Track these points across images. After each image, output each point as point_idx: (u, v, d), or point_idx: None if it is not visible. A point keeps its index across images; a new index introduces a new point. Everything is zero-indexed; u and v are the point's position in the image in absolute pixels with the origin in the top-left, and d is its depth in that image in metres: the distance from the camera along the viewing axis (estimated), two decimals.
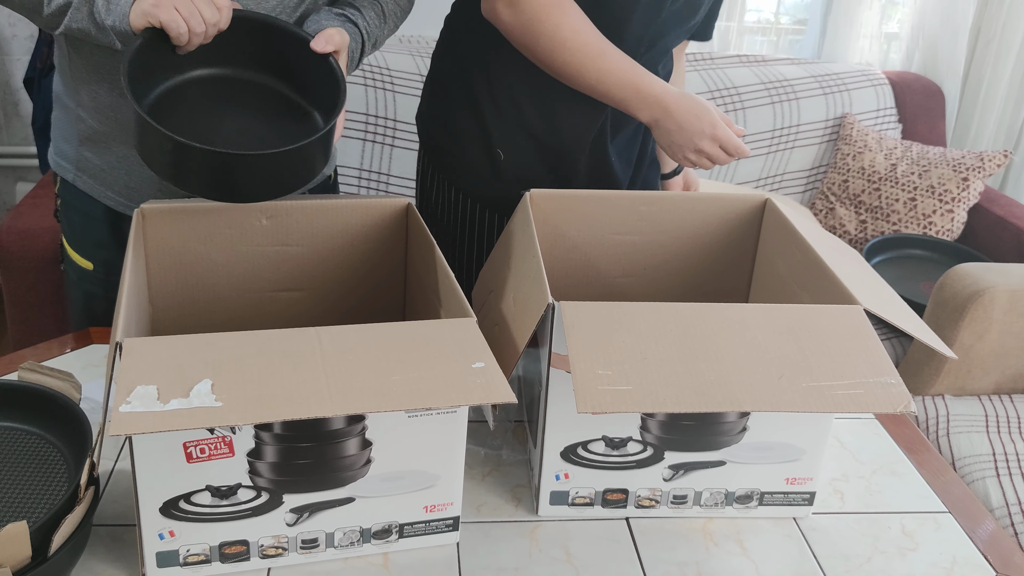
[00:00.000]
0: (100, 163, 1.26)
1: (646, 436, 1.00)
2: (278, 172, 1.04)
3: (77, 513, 0.85)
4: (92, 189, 1.28)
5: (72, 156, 1.27)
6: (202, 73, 1.13)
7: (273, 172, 1.03)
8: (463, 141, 1.40)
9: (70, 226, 1.34)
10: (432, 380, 0.81)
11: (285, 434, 0.87)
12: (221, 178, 1.02)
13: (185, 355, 0.81)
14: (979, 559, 1.03)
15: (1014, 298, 1.87)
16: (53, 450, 0.99)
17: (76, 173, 1.28)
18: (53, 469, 0.97)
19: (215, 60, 1.12)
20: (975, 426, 1.86)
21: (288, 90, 1.16)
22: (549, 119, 1.34)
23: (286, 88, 1.16)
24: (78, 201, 1.30)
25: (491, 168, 1.39)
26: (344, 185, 2.44)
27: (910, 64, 2.92)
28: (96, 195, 1.28)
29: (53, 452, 0.98)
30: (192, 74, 1.12)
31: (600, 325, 0.89)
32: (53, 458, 0.98)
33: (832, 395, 0.84)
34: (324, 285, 1.18)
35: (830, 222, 2.61)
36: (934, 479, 1.15)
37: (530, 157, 1.38)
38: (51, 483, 0.95)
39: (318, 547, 0.94)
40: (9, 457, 0.98)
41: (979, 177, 2.47)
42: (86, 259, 1.33)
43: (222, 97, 1.13)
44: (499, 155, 1.37)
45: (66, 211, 1.34)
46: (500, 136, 1.37)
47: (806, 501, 1.06)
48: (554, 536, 1.01)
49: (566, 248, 1.23)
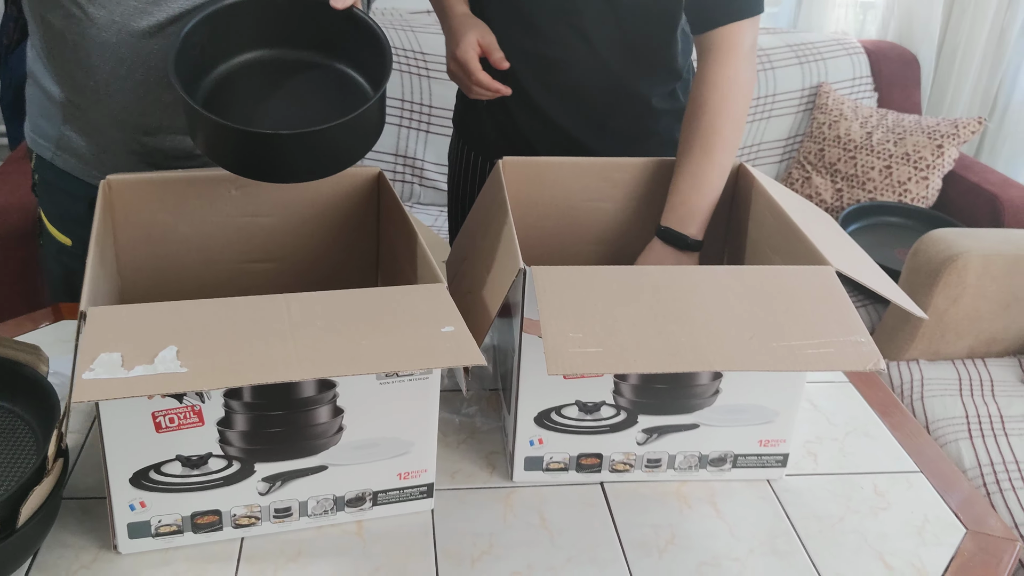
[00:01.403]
0: (85, 145, 1.23)
1: (619, 400, 1.00)
2: (340, 144, 1.02)
3: (46, 485, 0.84)
4: (74, 168, 1.26)
5: (52, 135, 1.25)
6: (247, 58, 1.11)
7: (334, 145, 1.01)
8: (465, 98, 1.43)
9: (49, 202, 1.32)
10: (401, 344, 0.80)
11: (255, 402, 0.86)
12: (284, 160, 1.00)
13: (150, 323, 0.80)
14: (950, 517, 1.04)
15: (987, 263, 1.88)
16: (20, 423, 0.98)
17: (55, 152, 1.26)
18: (20, 442, 0.96)
19: (257, 43, 1.10)
20: (949, 389, 1.88)
21: (336, 62, 1.13)
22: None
23: (332, 60, 1.13)
24: (57, 179, 1.28)
25: (480, 118, 1.41)
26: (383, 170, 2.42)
27: (886, 33, 2.92)
28: (78, 174, 1.26)
29: (20, 424, 0.97)
30: (237, 60, 1.10)
31: (571, 289, 0.89)
32: (20, 430, 0.97)
33: (802, 354, 0.85)
34: (295, 255, 1.17)
35: (806, 191, 2.62)
36: (907, 441, 1.16)
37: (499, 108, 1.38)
38: (18, 456, 0.94)
39: (291, 516, 0.94)
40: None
41: (954, 144, 2.48)
42: (65, 235, 1.31)
43: (270, 80, 1.11)
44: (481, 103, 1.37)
45: (44, 187, 1.31)
46: None
47: (779, 463, 1.06)
48: (529, 501, 1.01)
49: (539, 215, 1.23)
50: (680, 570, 0.94)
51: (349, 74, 1.12)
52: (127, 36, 1.11)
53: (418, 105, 2.41)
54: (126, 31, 1.11)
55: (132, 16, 1.10)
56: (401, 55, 2.40)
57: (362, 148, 1.04)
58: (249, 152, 0.99)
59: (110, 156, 1.23)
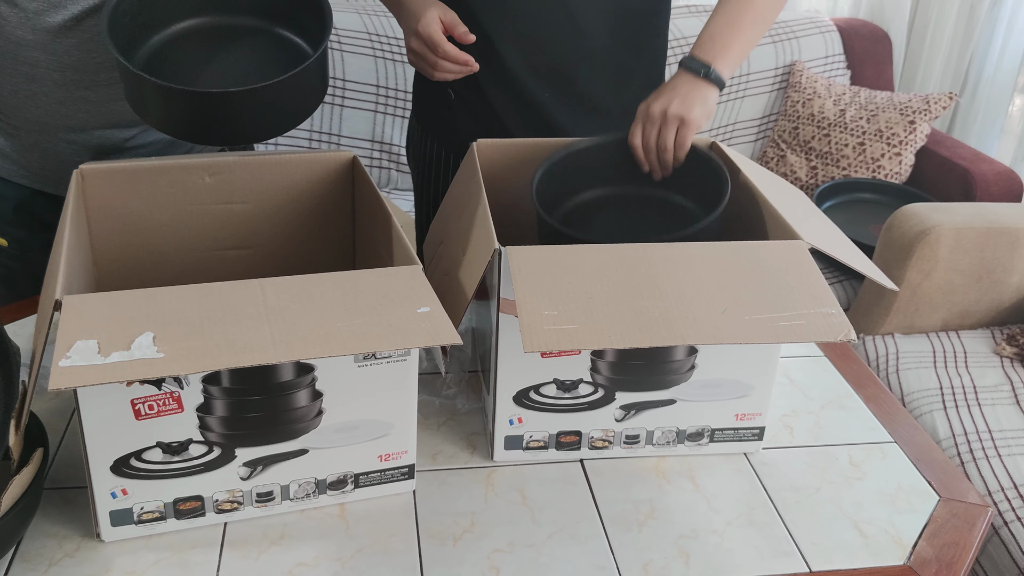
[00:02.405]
0: (8, 144, 1.21)
1: (596, 378, 1.01)
2: (286, 102, 1.02)
3: (25, 475, 0.85)
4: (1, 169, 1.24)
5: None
6: (183, 26, 1.10)
7: (280, 102, 1.02)
8: (423, 81, 1.40)
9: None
10: (377, 325, 0.81)
11: (234, 387, 0.86)
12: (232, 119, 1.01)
13: (126, 310, 0.80)
14: (924, 485, 1.06)
15: (959, 236, 1.90)
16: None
17: None
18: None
19: (191, 11, 1.10)
20: (923, 362, 1.90)
21: (274, 26, 1.13)
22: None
23: (270, 25, 1.13)
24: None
25: (447, 110, 1.38)
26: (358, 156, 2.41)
27: (858, 11, 2.94)
28: (4, 174, 1.24)
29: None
30: (176, 27, 1.10)
31: (546, 267, 0.90)
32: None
33: (774, 326, 0.86)
34: (271, 242, 1.17)
35: (781, 169, 2.64)
36: (881, 412, 1.18)
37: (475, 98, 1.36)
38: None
39: (273, 500, 0.94)
40: None
41: (925, 120, 2.50)
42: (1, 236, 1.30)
43: (209, 47, 1.11)
44: (450, 95, 1.36)
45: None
46: None
47: (756, 436, 1.08)
48: (510, 480, 1.02)
49: (514, 197, 1.23)
50: (660, 544, 0.95)
51: (288, 37, 1.13)
52: (41, 34, 1.08)
53: (393, 91, 2.41)
54: (40, 28, 1.08)
55: (44, 11, 1.07)
56: (375, 40, 2.39)
57: (307, 107, 1.06)
58: (198, 114, 0.99)
59: (35, 155, 1.21)
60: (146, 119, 1.03)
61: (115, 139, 1.20)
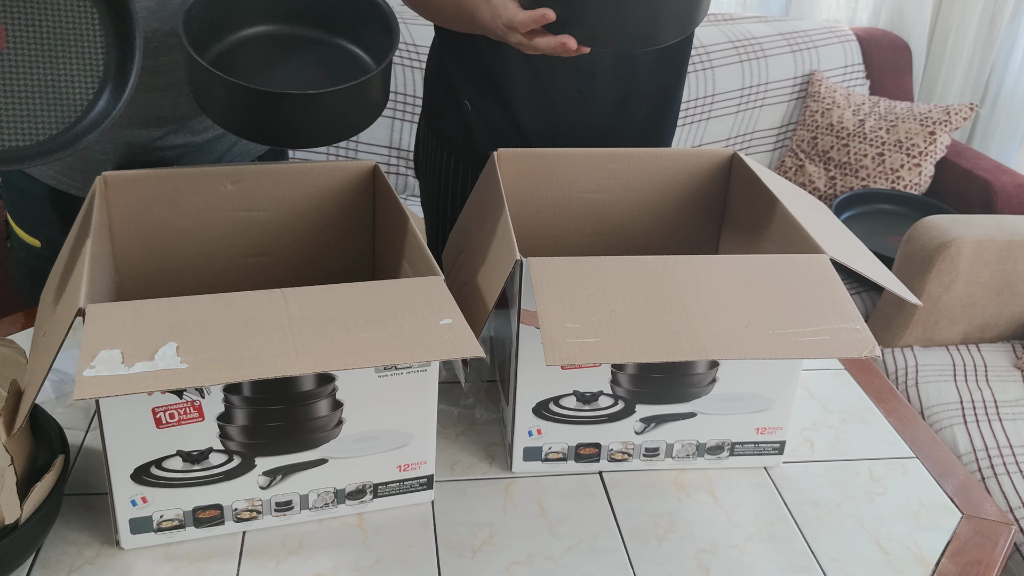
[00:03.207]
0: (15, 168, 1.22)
1: (617, 390, 1.00)
2: (345, 111, 1.04)
3: (47, 482, 0.85)
4: (32, 168, 1.25)
5: None
6: (248, 33, 1.12)
7: (340, 111, 1.04)
8: (437, 92, 1.40)
9: (12, 204, 1.31)
10: (400, 337, 0.81)
11: (255, 397, 0.86)
12: (287, 122, 1.03)
13: (149, 319, 0.80)
14: (946, 502, 1.05)
15: (980, 248, 1.89)
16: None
17: None
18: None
19: (259, 19, 1.12)
20: (943, 375, 1.89)
21: (338, 39, 1.15)
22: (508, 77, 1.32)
23: (334, 37, 1.15)
24: (18, 180, 1.28)
25: (462, 121, 1.38)
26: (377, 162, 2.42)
27: (877, 20, 2.93)
28: (35, 174, 1.25)
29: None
30: (239, 35, 1.12)
31: (568, 280, 0.90)
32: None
33: (798, 342, 0.85)
34: (292, 250, 1.17)
35: (799, 179, 2.63)
36: (902, 426, 1.17)
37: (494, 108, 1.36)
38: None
39: (292, 509, 0.94)
40: None
41: (946, 131, 2.49)
42: (33, 237, 1.31)
43: (273, 55, 1.13)
44: (466, 106, 1.36)
45: (7, 190, 1.31)
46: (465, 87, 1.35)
47: (776, 450, 1.07)
48: (528, 491, 1.02)
49: (535, 208, 1.23)
50: (679, 558, 0.94)
51: (352, 50, 1.14)
52: None
53: (411, 97, 2.41)
54: None
55: None
56: None
57: (366, 119, 1.07)
58: (261, 114, 1.01)
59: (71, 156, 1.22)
60: (209, 114, 1.06)
61: (143, 138, 1.21)
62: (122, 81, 1.00)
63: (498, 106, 1.33)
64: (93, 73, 1.00)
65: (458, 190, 1.43)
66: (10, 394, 0.87)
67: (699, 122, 2.57)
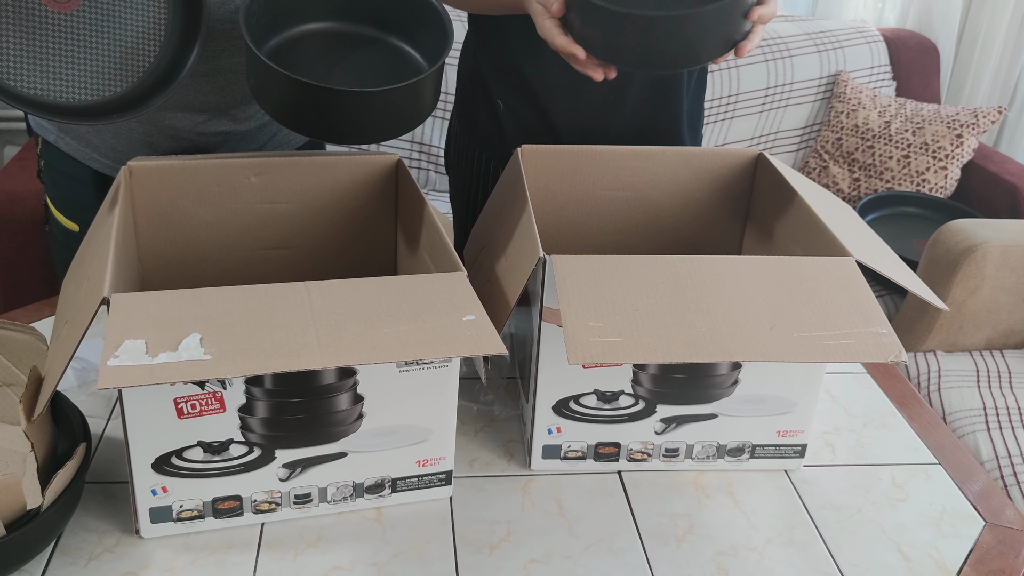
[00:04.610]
0: (89, 128, 1.24)
1: (638, 389, 1.00)
2: (399, 109, 1.05)
3: (68, 470, 0.85)
4: (76, 151, 1.26)
5: None
6: (305, 29, 1.14)
7: (393, 109, 1.05)
8: (470, 91, 1.40)
9: (54, 187, 1.32)
10: (422, 333, 0.80)
11: (276, 389, 0.86)
12: (340, 118, 1.04)
13: (173, 310, 0.80)
14: (969, 509, 1.04)
15: (1006, 254, 1.87)
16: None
17: (58, 135, 1.26)
18: None
19: (316, 16, 1.13)
20: (966, 381, 1.87)
21: (392, 38, 1.16)
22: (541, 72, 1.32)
23: (388, 36, 1.16)
24: (61, 163, 1.29)
25: (494, 120, 1.38)
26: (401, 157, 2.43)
27: (905, 21, 2.90)
28: (80, 157, 1.26)
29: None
30: (294, 31, 1.13)
31: (591, 278, 0.89)
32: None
33: (823, 345, 0.84)
34: (314, 242, 1.18)
35: (824, 180, 2.60)
36: (925, 432, 1.16)
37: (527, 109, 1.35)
38: None
39: (311, 502, 0.94)
40: None
41: (973, 134, 2.46)
42: (72, 220, 1.32)
43: (328, 52, 1.14)
44: (499, 106, 1.36)
45: (50, 172, 1.32)
46: (498, 87, 1.35)
47: (797, 454, 1.06)
48: (547, 490, 1.02)
49: (558, 205, 1.22)
50: (698, 560, 0.94)
51: (404, 49, 1.15)
52: None
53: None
54: None
55: None
56: None
57: (417, 117, 1.08)
58: (316, 110, 1.02)
59: (110, 134, 1.23)
60: (265, 107, 1.07)
61: (186, 122, 1.21)
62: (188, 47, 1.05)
63: (531, 107, 1.33)
64: (158, 36, 1.04)
65: (489, 187, 1.43)
66: (30, 380, 0.87)
67: (723, 121, 2.56)
